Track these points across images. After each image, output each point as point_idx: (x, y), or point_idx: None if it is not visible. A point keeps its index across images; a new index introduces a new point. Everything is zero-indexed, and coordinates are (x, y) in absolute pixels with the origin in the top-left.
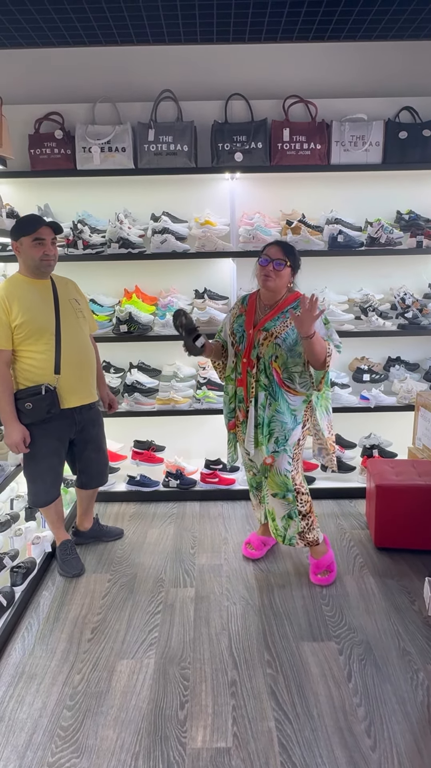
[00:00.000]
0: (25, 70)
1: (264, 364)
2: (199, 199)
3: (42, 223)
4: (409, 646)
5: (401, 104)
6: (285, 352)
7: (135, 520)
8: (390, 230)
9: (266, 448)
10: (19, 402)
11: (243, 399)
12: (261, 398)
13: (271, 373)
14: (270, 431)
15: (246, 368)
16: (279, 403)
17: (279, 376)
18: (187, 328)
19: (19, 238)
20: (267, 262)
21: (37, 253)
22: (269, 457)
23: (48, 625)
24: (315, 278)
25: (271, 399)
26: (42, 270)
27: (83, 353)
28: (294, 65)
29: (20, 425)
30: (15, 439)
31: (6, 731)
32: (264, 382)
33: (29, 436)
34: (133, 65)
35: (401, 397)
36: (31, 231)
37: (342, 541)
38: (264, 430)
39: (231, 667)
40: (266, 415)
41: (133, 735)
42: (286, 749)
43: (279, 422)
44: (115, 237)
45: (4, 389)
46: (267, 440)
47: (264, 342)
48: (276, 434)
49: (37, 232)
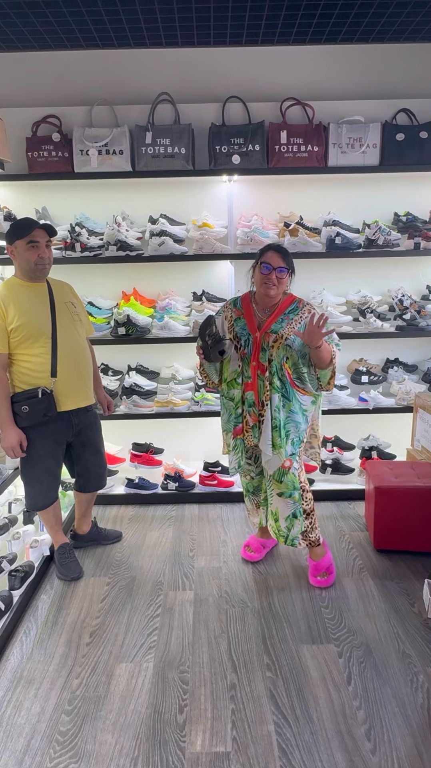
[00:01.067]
0: (23, 73)
1: (276, 367)
2: (196, 202)
3: (35, 225)
4: (409, 649)
5: (398, 106)
6: (296, 353)
7: (133, 523)
8: (387, 232)
9: (285, 451)
10: (15, 405)
11: (253, 403)
12: (275, 401)
13: (284, 375)
14: (287, 432)
15: (256, 372)
16: (292, 403)
17: (290, 376)
18: (215, 339)
19: (13, 241)
20: (269, 269)
21: (32, 255)
22: (287, 460)
23: (46, 629)
24: (313, 280)
25: (285, 400)
26: (37, 273)
27: (79, 356)
28: (292, 68)
29: (17, 429)
30: (11, 442)
31: (4, 736)
32: (278, 384)
33: (26, 439)
34: (131, 68)
35: (399, 399)
36: (24, 234)
37: (341, 543)
38: (281, 432)
39: (230, 670)
40: (281, 417)
41: (132, 739)
42: (286, 753)
43: (293, 422)
44: (113, 239)
45: (0, 392)
46: (285, 442)
47: (274, 344)
48: (293, 435)
49: (30, 235)
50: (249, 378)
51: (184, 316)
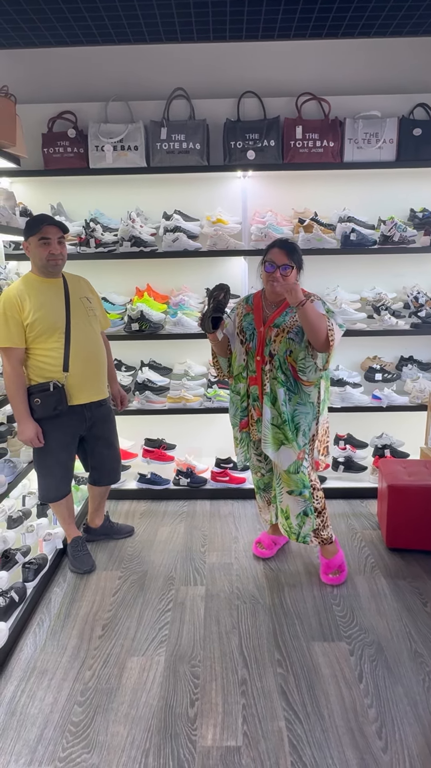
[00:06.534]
0: (39, 69)
1: (279, 361)
2: (210, 198)
3: (47, 222)
4: (421, 648)
5: (415, 101)
6: (298, 345)
7: (145, 517)
8: (403, 228)
9: (297, 444)
10: (30, 397)
11: (257, 397)
12: (281, 395)
13: (287, 368)
14: (296, 425)
15: (260, 366)
16: (299, 396)
17: (294, 370)
18: (217, 305)
19: (27, 238)
20: (273, 268)
21: (43, 252)
22: (301, 452)
23: (59, 621)
24: (328, 277)
25: (291, 394)
26: (49, 269)
27: (93, 351)
28: (308, 62)
29: (33, 422)
30: (29, 435)
31: (17, 726)
32: (282, 378)
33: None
34: (146, 64)
35: (413, 397)
36: (36, 231)
37: (353, 542)
38: (290, 425)
39: (241, 665)
40: (288, 410)
41: (144, 732)
42: (297, 749)
43: (302, 414)
44: (127, 235)
45: (17, 387)
46: (296, 435)
47: (277, 338)
48: (303, 426)
49: (41, 232)
50: (253, 372)
51: (197, 312)
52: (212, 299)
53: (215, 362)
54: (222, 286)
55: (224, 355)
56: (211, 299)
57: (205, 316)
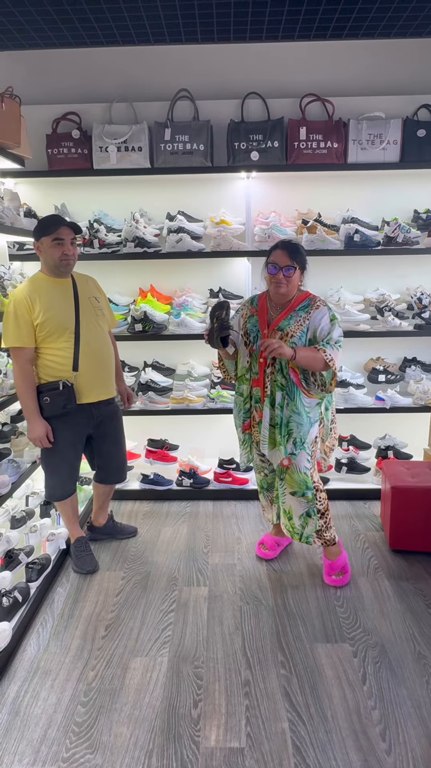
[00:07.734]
0: (43, 70)
1: (281, 364)
2: (214, 199)
3: (62, 223)
4: (425, 650)
5: (419, 102)
6: None
7: (148, 518)
8: (407, 229)
9: (284, 449)
10: (39, 396)
11: (259, 399)
12: (278, 398)
13: (288, 373)
14: (289, 431)
15: (263, 368)
16: (296, 402)
17: (296, 376)
18: (221, 324)
19: (40, 238)
20: (276, 270)
21: (57, 252)
22: (286, 458)
23: (62, 621)
24: (331, 278)
25: (288, 399)
26: (61, 269)
27: (101, 350)
28: (312, 63)
29: (43, 421)
30: (38, 434)
31: (21, 726)
32: (281, 381)
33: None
34: (150, 65)
35: (417, 398)
36: (51, 231)
37: (356, 543)
38: (283, 430)
39: (244, 666)
40: (284, 415)
41: (147, 733)
42: (300, 751)
43: (296, 422)
44: (131, 236)
45: (27, 386)
46: (286, 441)
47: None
48: (295, 435)
49: (56, 233)
50: (256, 374)
51: (200, 313)
52: (215, 319)
53: (221, 365)
54: (222, 304)
55: (231, 359)
56: (213, 319)
57: (212, 337)
